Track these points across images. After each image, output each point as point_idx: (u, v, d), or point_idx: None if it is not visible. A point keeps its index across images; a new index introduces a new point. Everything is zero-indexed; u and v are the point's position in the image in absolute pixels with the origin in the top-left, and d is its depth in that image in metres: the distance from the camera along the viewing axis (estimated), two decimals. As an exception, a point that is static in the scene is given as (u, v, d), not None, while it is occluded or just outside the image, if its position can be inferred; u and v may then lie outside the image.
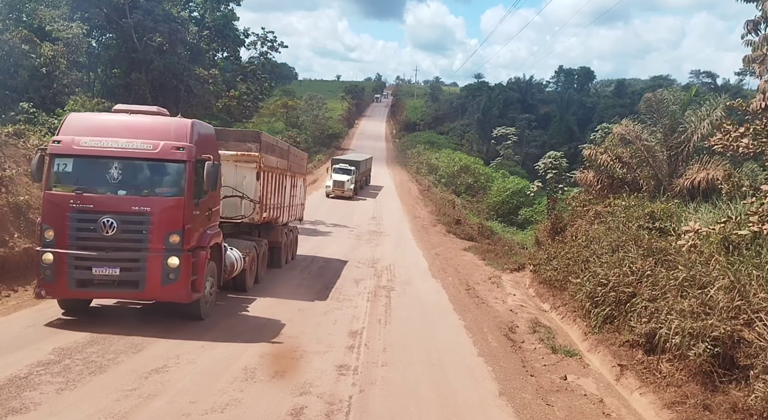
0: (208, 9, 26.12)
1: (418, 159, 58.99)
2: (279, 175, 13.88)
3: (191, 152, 8.78)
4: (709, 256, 9.10)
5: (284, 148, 15.04)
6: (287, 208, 15.39)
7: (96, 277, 8.52)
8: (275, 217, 13.93)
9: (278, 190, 13.96)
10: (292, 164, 15.66)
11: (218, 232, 9.97)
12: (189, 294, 8.77)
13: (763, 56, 12.49)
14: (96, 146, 8.61)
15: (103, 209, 8.46)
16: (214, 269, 9.80)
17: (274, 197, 13.46)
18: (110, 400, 6.16)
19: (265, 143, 12.48)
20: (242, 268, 11.31)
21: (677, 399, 7.11)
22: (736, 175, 14.12)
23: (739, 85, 63.67)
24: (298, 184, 17.18)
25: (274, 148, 13.43)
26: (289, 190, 15.53)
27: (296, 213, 17.21)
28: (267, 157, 12.55)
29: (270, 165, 12.85)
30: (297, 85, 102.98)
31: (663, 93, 18.16)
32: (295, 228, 17.08)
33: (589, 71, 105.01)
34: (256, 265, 12.56)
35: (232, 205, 11.85)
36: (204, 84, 23.63)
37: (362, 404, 6.79)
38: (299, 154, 18.07)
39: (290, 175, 15.53)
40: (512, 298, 13.86)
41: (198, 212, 9.01)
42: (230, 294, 11.49)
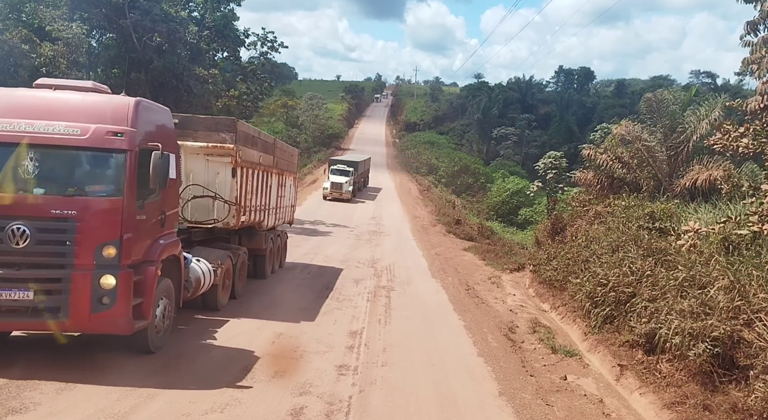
0: (208, 9, 26.10)
1: (417, 159, 59.00)
2: (262, 173, 12.18)
3: (133, 139, 6.87)
4: (709, 256, 9.10)
5: (269, 142, 13.04)
6: (273, 211, 13.65)
7: (2, 304, 6.52)
8: (258, 220, 12.27)
9: (261, 190, 12.20)
10: (279, 160, 13.86)
11: (175, 241, 8.07)
12: (130, 323, 6.82)
13: (761, 58, 12.49)
14: (4, 130, 6.65)
15: (11, 213, 6.52)
16: (170, 288, 7.93)
17: (255, 198, 11.77)
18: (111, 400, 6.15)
19: (242, 134, 10.57)
20: (212, 283, 9.68)
21: (677, 399, 7.11)
22: (736, 175, 14.13)
23: (739, 86, 63.63)
24: (287, 184, 15.30)
25: (255, 140, 11.64)
26: (276, 190, 13.73)
27: (285, 216, 15.39)
28: (245, 151, 10.76)
29: (250, 160, 11.13)
30: (297, 85, 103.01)
31: (663, 93, 18.15)
32: (283, 233, 15.49)
33: (589, 71, 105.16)
34: (232, 278, 10.84)
35: (204, 207, 10.28)
36: (204, 84, 23.61)
37: (362, 404, 6.79)
38: (288, 150, 16.08)
39: (277, 173, 13.72)
40: (512, 298, 13.86)
41: (144, 217, 7.16)
42: (198, 314, 9.80)
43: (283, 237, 15.42)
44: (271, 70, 30.52)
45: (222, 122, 10.47)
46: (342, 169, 35.84)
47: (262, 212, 12.51)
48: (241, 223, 10.86)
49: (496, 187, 48.62)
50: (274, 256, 14.17)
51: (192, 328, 9.11)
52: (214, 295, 10.00)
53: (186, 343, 8.33)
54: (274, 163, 13.29)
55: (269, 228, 13.65)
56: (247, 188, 11.00)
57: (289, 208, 16.10)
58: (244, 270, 11.74)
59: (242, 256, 11.52)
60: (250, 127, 12.02)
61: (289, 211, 16.18)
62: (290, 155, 15.92)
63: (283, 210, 14.86)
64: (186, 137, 9.62)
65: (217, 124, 10.34)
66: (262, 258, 13.14)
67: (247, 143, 10.95)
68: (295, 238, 20.73)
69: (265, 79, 29.10)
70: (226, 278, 10.47)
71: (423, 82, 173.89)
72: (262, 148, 12.08)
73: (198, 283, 9.06)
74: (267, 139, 12.96)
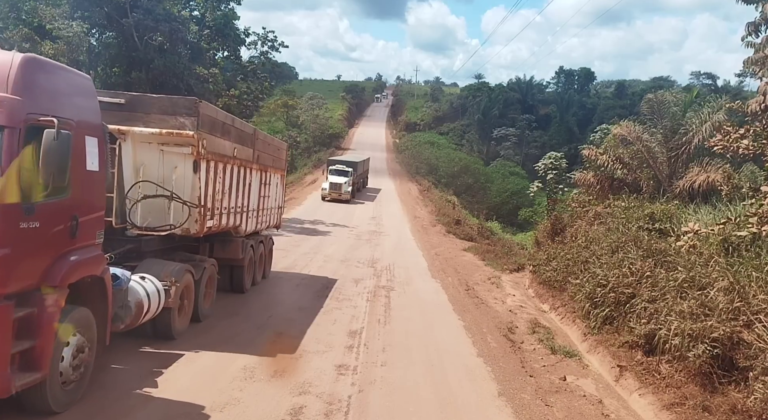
0: (209, 8, 26.08)
1: (417, 159, 59.02)
2: (239, 168, 10.34)
3: (14, 111, 4.92)
4: (709, 258, 9.11)
5: (247, 132, 11.07)
6: (254, 213, 11.81)
7: None
8: (233, 225, 10.43)
9: (237, 189, 10.34)
10: (261, 155, 11.95)
11: (96, 257, 6.12)
12: (7, 381, 4.80)
13: (764, 58, 12.50)
14: None
15: None
16: (89, 321, 5.97)
17: (228, 198, 9.90)
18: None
19: (206, 118, 8.55)
20: (164, 306, 7.77)
21: (676, 400, 7.11)
22: (736, 177, 14.14)
23: (740, 87, 63.81)
24: (273, 182, 13.32)
25: (227, 128, 9.62)
26: (258, 189, 11.91)
27: (270, 219, 13.49)
28: (213, 140, 8.81)
29: (219, 151, 9.15)
30: (297, 84, 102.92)
31: (664, 94, 18.19)
32: (268, 238, 13.71)
33: (589, 72, 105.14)
34: (194, 297, 8.91)
35: (158, 209, 8.31)
36: (204, 83, 23.60)
37: (361, 404, 6.79)
38: (274, 144, 13.94)
39: (259, 170, 11.85)
40: (512, 298, 13.86)
41: (36, 224, 5.10)
42: (147, 346, 7.81)
43: (268, 243, 13.76)
44: (271, 70, 30.47)
45: (180, 104, 8.26)
46: (341, 170, 35.29)
47: (239, 215, 10.66)
48: (207, 229, 8.98)
49: (496, 187, 48.67)
50: (256, 266, 12.40)
51: (129, 368, 7.02)
52: (166, 320, 8.01)
53: (112, 394, 6.26)
54: (255, 157, 11.44)
55: (249, 233, 11.88)
56: (215, 186, 9.10)
57: (276, 210, 14.19)
58: (212, 286, 9.82)
59: (209, 269, 9.54)
60: (220, 112, 9.72)
61: (276, 214, 14.29)
62: (276, 149, 13.82)
63: (267, 212, 13.00)
64: (135, 121, 8.01)
65: (174, 105, 8.21)
66: (240, 269, 11.38)
67: (215, 131, 8.98)
68: (294, 238, 20.77)
69: (266, 79, 29.04)
70: (185, 298, 8.51)
71: (423, 82, 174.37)
72: (238, 138, 10.17)
73: (140, 308, 7.07)
74: (244, 128, 10.98)
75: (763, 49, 12.79)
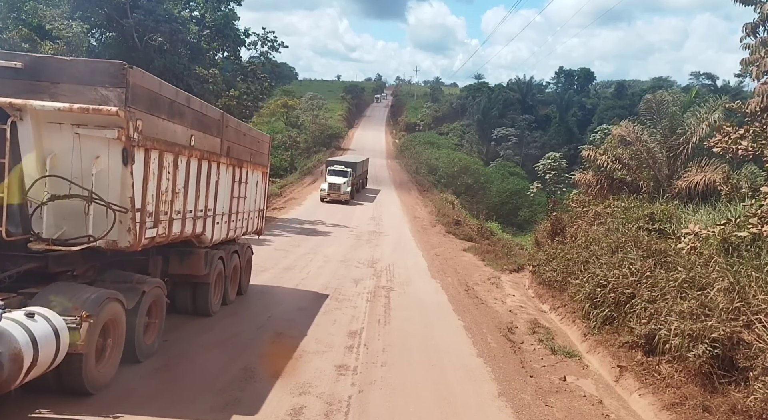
0: (209, 8, 26.06)
1: (417, 159, 59.04)
2: (199, 162, 8.30)
3: None
4: (709, 258, 9.12)
5: (212, 117, 8.82)
6: (224, 218, 9.87)
7: None
8: (193, 233, 8.42)
9: (197, 188, 8.32)
10: (234, 147, 9.84)
11: None
12: None
13: (760, 59, 12.52)
14: None
15: None
16: None
17: (183, 199, 7.85)
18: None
19: (143, 92, 6.40)
20: (68, 352, 5.59)
21: (676, 400, 7.12)
22: (735, 177, 14.16)
23: (739, 87, 63.72)
24: (251, 180, 11.33)
25: (178, 109, 7.40)
26: (229, 189, 9.97)
27: (247, 224, 11.57)
28: (155, 122, 6.71)
29: (166, 138, 7.07)
30: (297, 84, 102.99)
31: (663, 94, 18.21)
32: (245, 247, 11.83)
33: (589, 72, 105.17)
34: (127, 332, 6.68)
35: (74, 215, 6.26)
36: (204, 83, 23.58)
37: (361, 404, 6.79)
38: (253, 135, 11.69)
39: (230, 165, 9.82)
40: (511, 298, 13.86)
41: None
42: (45, 407, 5.77)
43: (245, 253, 11.79)
44: (271, 70, 30.46)
45: (101, 69, 6.09)
46: (340, 170, 34.88)
47: (200, 221, 8.65)
48: (147, 240, 6.88)
49: (496, 187, 48.68)
50: (227, 281, 10.52)
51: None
52: (75, 370, 5.86)
53: None
54: (224, 149, 9.33)
55: (219, 243, 9.95)
56: (160, 184, 7.07)
57: (256, 213, 12.19)
58: (158, 314, 7.66)
59: (152, 293, 7.37)
60: (166, 86, 7.21)
61: (256, 218, 12.29)
62: (256, 142, 11.75)
63: (243, 216, 11.12)
64: (38, 93, 5.97)
65: (93, 71, 6.08)
66: (204, 287, 9.48)
67: (158, 110, 6.82)
68: (294, 238, 20.78)
69: (266, 79, 29.03)
70: (110, 336, 6.35)
71: (423, 82, 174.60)
72: (197, 124, 8.06)
73: (15, 361, 4.90)
74: (207, 111, 8.60)
75: (759, 50, 12.80)
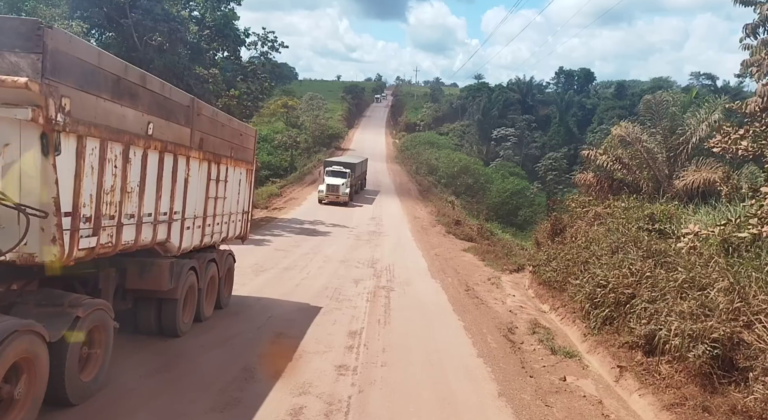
0: (209, 8, 26.06)
1: (417, 159, 59.08)
2: (161, 155, 7.05)
3: None
4: (709, 258, 9.12)
5: (177, 102, 7.50)
6: (197, 222, 8.58)
7: None
8: (154, 240, 7.19)
9: (158, 186, 7.08)
10: (208, 139, 8.54)
11: None
12: None
13: (761, 60, 12.53)
14: None
15: None
16: None
17: (139, 200, 6.64)
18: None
19: (67, 59, 5.09)
20: None
21: (676, 400, 7.12)
22: (735, 177, 14.17)
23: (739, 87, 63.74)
24: (232, 179, 10.04)
25: (128, 87, 6.11)
26: (204, 188, 8.70)
27: (229, 228, 10.30)
28: (91, 102, 5.42)
29: (109, 123, 5.76)
30: (297, 85, 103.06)
31: (663, 95, 18.25)
32: (225, 255, 10.47)
33: (589, 72, 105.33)
34: (32, 378, 5.08)
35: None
36: (204, 83, 23.57)
37: (361, 404, 6.79)
38: (232, 126, 10.20)
39: (204, 160, 8.54)
40: (512, 298, 13.86)
41: None
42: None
43: (225, 262, 10.39)
44: (271, 70, 30.45)
45: (7, 29, 4.80)
46: (338, 171, 34.25)
47: (164, 226, 7.42)
48: (85, 252, 5.66)
49: (496, 187, 48.71)
50: (202, 296, 9.18)
51: None
52: None
53: None
54: (195, 141, 8.04)
55: (191, 251, 8.70)
56: (103, 181, 5.79)
57: (239, 216, 10.85)
58: (102, 343, 6.21)
59: (93, 318, 5.92)
60: (108, 57, 5.84)
61: (239, 222, 10.93)
62: (237, 135, 10.30)
63: (222, 220, 9.84)
64: None
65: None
66: (171, 304, 8.07)
67: (98, 87, 5.52)
68: (295, 238, 20.79)
69: (266, 79, 29.04)
70: (18, 381, 4.95)
71: (423, 82, 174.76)
72: (156, 108, 6.80)
73: None
74: (169, 94, 7.25)
75: (760, 51, 12.81)
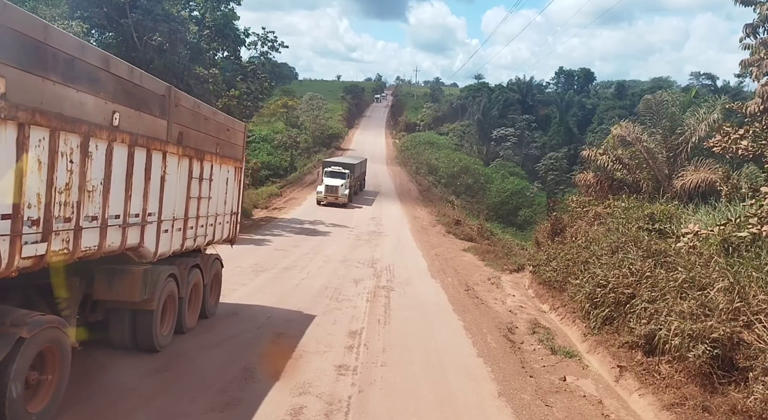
0: (209, 8, 26.05)
1: (417, 159, 59.08)
2: (132, 149, 6.29)
3: None
4: (709, 258, 9.12)
5: (150, 91, 6.78)
6: (176, 224, 7.84)
7: None
8: (124, 246, 6.39)
9: (126, 185, 6.29)
10: (188, 133, 7.84)
11: None
12: None
13: (760, 60, 12.53)
14: None
15: None
16: None
17: (103, 200, 5.82)
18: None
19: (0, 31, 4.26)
20: None
21: (676, 400, 7.12)
22: (735, 177, 14.18)
23: (739, 88, 63.82)
24: (218, 177, 9.33)
25: (89, 72, 5.43)
26: (184, 187, 7.98)
27: (215, 231, 9.54)
28: (34, 84, 4.70)
29: (64, 112, 5.07)
30: (297, 85, 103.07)
31: (662, 95, 18.26)
32: (211, 260, 9.81)
33: (589, 72, 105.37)
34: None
35: None
36: (204, 83, 23.56)
37: (361, 404, 6.79)
38: (217, 119, 9.42)
39: (184, 156, 7.82)
40: (511, 298, 13.86)
41: None
42: None
43: (211, 267, 9.74)
44: (271, 70, 30.45)
45: None
46: (337, 172, 33.71)
47: (136, 230, 6.67)
48: (29, 261, 4.91)
49: (496, 187, 48.72)
50: (184, 305, 8.47)
51: None
52: None
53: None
54: (173, 134, 7.35)
55: (170, 256, 7.91)
56: (55, 178, 5.05)
57: (227, 217, 10.15)
58: (55, 367, 5.46)
59: (42, 338, 5.19)
60: (59, 33, 5.19)
61: (227, 223, 10.20)
62: (224, 130, 9.63)
63: (208, 221, 9.11)
64: None
65: None
66: (146, 315, 7.33)
67: (45, 67, 4.83)
68: (295, 238, 20.80)
69: (266, 79, 29.03)
70: None
71: (423, 82, 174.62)
72: (123, 96, 6.05)
73: None
74: (140, 81, 6.49)
75: (759, 51, 12.81)
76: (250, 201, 29.41)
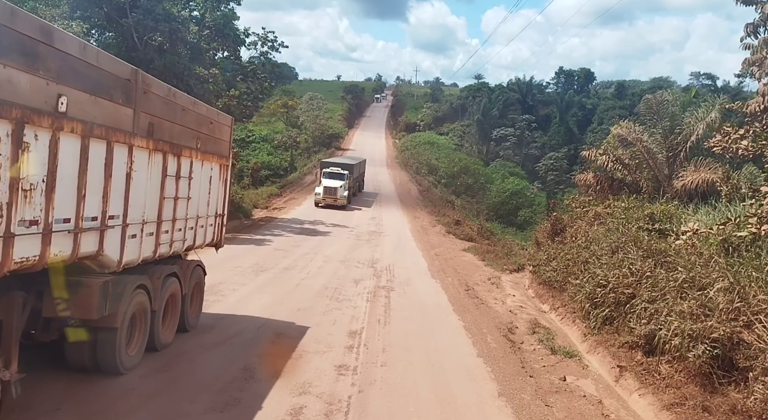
0: (209, 8, 26.05)
1: (417, 159, 59.08)
2: (85, 140, 5.38)
3: None
4: (709, 258, 9.12)
5: (112, 73, 5.87)
6: (148, 228, 6.98)
7: None
8: (77, 254, 5.48)
9: (79, 183, 5.38)
10: (162, 124, 7.04)
11: None
12: None
13: (762, 59, 12.53)
14: None
15: None
16: None
17: (42, 202, 4.85)
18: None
19: None
20: None
21: (676, 400, 7.12)
22: (735, 177, 14.19)
23: (739, 87, 63.84)
24: (201, 175, 8.55)
25: (24, 44, 4.46)
26: (157, 186, 7.12)
27: (196, 235, 8.73)
28: None
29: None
30: (297, 85, 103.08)
31: (663, 95, 18.24)
32: (191, 268, 8.85)
33: (589, 72, 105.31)
34: None
35: None
36: (204, 83, 23.54)
37: (361, 404, 6.79)
38: (199, 111, 8.56)
39: (157, 151, 6.97)
40: (512, 298, 13.86)
41: None
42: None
43: (191, 275, 8.82)
44: (271, 70, 30.45)
45: None
46: (336, 173, 32.94)
47: (94, 235, 5.75)
48: None
49: (496, 187, 48.71)
50: (156, 319, 7.47)
51: None
52: None
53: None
54: (141, 126, 6.49)
55: (140, 263, 6.98)
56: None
57: (210, 219, 9.28)
58: None
59: None
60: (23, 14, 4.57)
61: (211, 226, 9.40)
62: (207, 123, 8.79)
63: (187, 225, 8.25)
64: None
65: None
66: (108, 334, 6.41)
67: None
68: (295, 238, 20.80)
69: (266, 79, 29.05)
70: None
71: (423, 82, 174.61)
72: (73, 77, 5.17)
73: None
74: (97, 61, 5.58)
75: (761, 50, 12.82)
76: (250, 201, 29.44)
